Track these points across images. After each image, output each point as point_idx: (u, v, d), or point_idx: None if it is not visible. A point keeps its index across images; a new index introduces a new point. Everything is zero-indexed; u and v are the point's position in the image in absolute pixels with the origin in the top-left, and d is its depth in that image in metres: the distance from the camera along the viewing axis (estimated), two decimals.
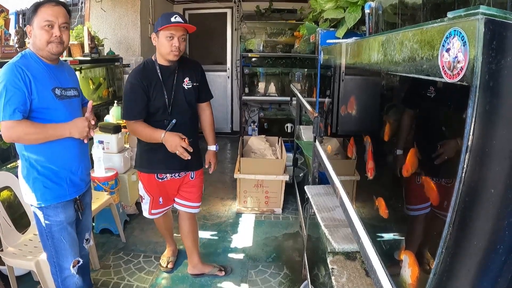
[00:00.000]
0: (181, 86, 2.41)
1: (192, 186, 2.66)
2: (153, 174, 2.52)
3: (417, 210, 0.94)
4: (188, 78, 2.43)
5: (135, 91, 2.32)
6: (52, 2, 1.84)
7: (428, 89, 0.82)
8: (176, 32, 2.24)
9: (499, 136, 0.60)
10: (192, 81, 2.45)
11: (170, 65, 2.37)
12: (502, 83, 0.58)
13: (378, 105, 1.33)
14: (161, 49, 2.30)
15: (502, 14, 0.57)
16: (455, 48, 0.62)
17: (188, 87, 2.43)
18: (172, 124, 2.36)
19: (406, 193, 0.98)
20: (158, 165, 2.49)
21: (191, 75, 2.45)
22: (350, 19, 1.88)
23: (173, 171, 2.53)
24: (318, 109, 2.48)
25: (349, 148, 1.65)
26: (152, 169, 2.51)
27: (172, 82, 2.38)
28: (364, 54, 1.22)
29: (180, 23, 2.22)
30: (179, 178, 2.58)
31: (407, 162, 0.89)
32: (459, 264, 0.69)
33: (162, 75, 2.36)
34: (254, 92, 6.60)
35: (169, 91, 2.37)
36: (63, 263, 2.02)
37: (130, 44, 5.38)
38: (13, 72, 1.74)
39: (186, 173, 2.59)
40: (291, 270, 2.96)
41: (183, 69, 2.43)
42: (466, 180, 0.62)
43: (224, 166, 5.51)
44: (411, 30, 0.80)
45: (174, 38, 2.24)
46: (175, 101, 2.38)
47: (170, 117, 2.37)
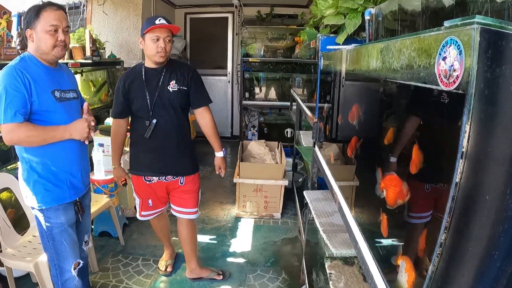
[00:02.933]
0: (166, 88, 2.42)
1: (183, 192, 2.62)
2: (141, 176, 2.56)
3: (418, 219, 0.94)
4: (174, 81, 2.44)
5: (117, 92, 2.47)
6: (53, 6, 1.86)
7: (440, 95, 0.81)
8: (161, 34, 2.30)
9: (494, 143, 0.61)
10: (179, 85, 2.44)
11: (157, 67, 2.42)
12: (497, 91, 0.59)
13: (378, 112, 1.33)
14: (147, 52, 2.37)
15: (497, 24, 0.58)
16: (451, 57, 0.63)
17: (173, 90, 2.43)
18: (153, 124, 2.41)
19: (410, 201, 0.98)
20: (144, 168, 2.54)
21: (179, 78, 2.45)
22: (350, 26, 1.89)
23: (159, 175, 2.55)
24: (317, 114, 2.49)
25: (349, 148, 1.64)
26: (139, 171, 2.56)
27: (157, 83, 2.41)
28: (363, 61, 1.23)
29: (164, 24, 2.30)
30: (166, 181, 2.58)
31: (414, 157, 0.87)
32: (454, 270, 0.69)
33: (146, 77, 2.42)
34: (254, 97, 6.62)
35: (152, 92, 2.40)
36: (64, 265, 2.03)
37: (131, 48, 5.40)
38: (13, 75, 1.75)
39: (174, 178, 2.58)
40: (290, 275, 2.96)
41: (171, 72, 2.45)
42: (461, 187, 0.63)
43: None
44: (409, 38, 0.81)
45: (159, 39, 2.31)
46: (158, 103, 2.41)
47: (151, 118, 2.42)
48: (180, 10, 6.99)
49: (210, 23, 7.11)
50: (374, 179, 1.14)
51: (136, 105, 2.43)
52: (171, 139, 2.46)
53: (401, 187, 0.88)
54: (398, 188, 0.90)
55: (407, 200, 0.88)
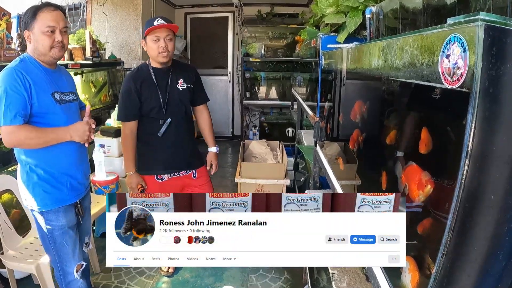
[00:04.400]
0: (175, 87, 2.48)
1: (199, 187, 2.67)
2: (152, 176, 2.56)
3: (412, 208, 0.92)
4: (182, 79, 2.51)
5: (128, 93, 2.41)
6: (50, 6, 1.84)
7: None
8: (161, 34, 2.33)
9: (499, 142, 0.60)
10: (186, 83, 2.52)
11: (163, 67, 2.46)
12: (502, 89, 0.58)
13: (380, 110, 1.32)
14: (151, 53, 2.40)
15: (502, 21, 0.57)
16: (455, 54, 0.62)
17: (182, 88, 2.50)
18: (167, 123, 2.45)
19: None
20: (156, 166, 2.54)
21: (185, 76, 2.52)
22: (351, 24, 1.88)
23: (171, 171, 2.56)
24: (319, 113, 2.48)
25: (351, 140, 1.61)
26: (151, 171, 2.55)
27: (166, 83, 2.46)
28: (365, 59, 1.22)
29: (162, 24, 2.32)
30: (179, 176, 2.60)
31: (423, 137, 0.84)
32: (459, 270, 0.69)
33: (156, 77, 2.44)
34: (255, 96, 6.61)
35: (163, 91, 2.44)
36: (67, 268, 2.02)
37: (132, 48, 5.39)
38: (13, 76, 1.73)
39: (188, 172, 2.62)
40: (292, 275, 2.96)
41: (177, 71, 2.51)
42: (466, 186, 0.62)
43: (225, 170, 5.50)
44: (411, 36, 0.80)
45: (160, 40, 2.34)
46: (170, 101, 2.45)
47: (165, 117, 2.45)
48: (180, 10, 6.99)
49: (210, 23, 7.10)
50: (375, 178, 1.14)
51: (149, 106, 2.44)
52: (182, 135, 2.53)
53: (421, 177, 0.85)
54: (418, 177, 0.87)
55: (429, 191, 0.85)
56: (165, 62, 2.42)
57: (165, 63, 2.43)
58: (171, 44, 2.39)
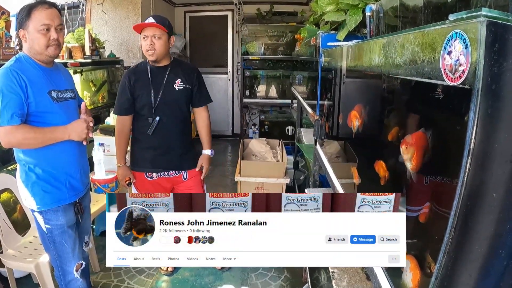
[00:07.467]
0: (171, 87, 2.46)
1: (187, 188, 2.65)
2: (142, 173, 2.57)
3: (413, 212, 0.92)
4: (180, 79, 2.48)
5: (122, 88, 2.46)
6: (45, 4, 1.81)
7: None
8: (148, 32, 2.35)
9: (501, 140, 0.59)
10: (184, 83, 2.49)
11: (161, 65, 2.46)
12: (504, 86, 0.57)
13: (381, 108, 1.32)
14: (143, 51, 2.43)
15: (504, 17, 0.56)
16: (456, 51, 0.61)
17: (179, 88, 2.48)
18: (156, 121, 2.44)
19: (410, 194, 0.96)
20: (144, 164, 2.55)
21: (184, 77, 2.50)
22: (351, 22, 1.88)
23: (160, 170, 2.56)
24: (319, 112, 2.47)
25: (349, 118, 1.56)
26: (141, 168, 2.56)
27: (162, 81, 2.45)
28: (365, 57, 1.21)
29: (145, 23, 2.35)
30: (169, 177, 2.60)
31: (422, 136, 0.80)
32: (460, 269, 0.68)
33: (152, 75, 2.45)
34: (255, 94, 6.60)
35: (157, 90, 2.44)
36: (66, 267, 2.02)
37: (131, 47, 5.38)
38: (8, 76, 1.72)
39: (178, 173, 2.61)
40: (292, 274, 2.95)
41: (177, 70, 2.50)
42: (467, 184, 0.62)
43: (225, 169, 5.50)
44: (412, 32, 0.79)
45: (147, 39, 2.35)
46: (162, 101, 2.44)
47: (153, 115, 2.44)
48: (179, 9, 6.97)
49: (210, 21, 7.09)
50: (375, 178, 1.13)
51: (140, 103, 2.45)
52: (174, 135, 2.51)
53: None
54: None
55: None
56: (152, 60, 2.41)
57: (155, 61, 2.42)
58: (159, 42, 2.36)
